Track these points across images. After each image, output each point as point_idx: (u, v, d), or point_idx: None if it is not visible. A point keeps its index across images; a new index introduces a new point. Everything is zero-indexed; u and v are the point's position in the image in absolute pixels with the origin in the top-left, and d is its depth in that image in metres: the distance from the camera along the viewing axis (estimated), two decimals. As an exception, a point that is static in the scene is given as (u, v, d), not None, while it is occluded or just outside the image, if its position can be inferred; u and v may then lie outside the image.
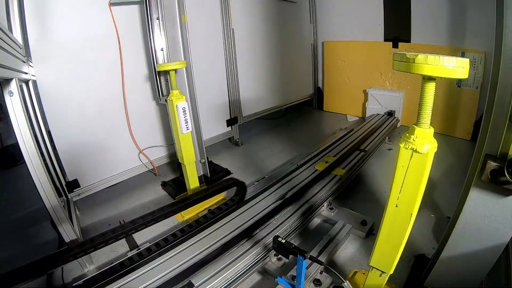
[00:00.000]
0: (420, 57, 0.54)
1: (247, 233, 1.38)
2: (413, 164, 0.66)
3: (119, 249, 1.50)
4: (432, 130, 0.64)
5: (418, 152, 0.64)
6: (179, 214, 1.71)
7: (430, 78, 0.59)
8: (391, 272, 0.85)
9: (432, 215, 1.55)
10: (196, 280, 1.13)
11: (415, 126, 0.64)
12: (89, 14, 1.75)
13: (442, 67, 0.52)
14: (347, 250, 1.37)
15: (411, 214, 0.71)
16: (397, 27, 2.74)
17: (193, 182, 1.78)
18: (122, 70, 1.94)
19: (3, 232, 1.76)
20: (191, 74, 1.81)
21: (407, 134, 0.66)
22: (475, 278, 0.95)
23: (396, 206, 0.72)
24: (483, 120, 0.87)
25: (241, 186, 1.61)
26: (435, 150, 0.64)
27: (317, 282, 1.14)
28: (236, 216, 1.50)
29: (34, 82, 1.62)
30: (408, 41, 2.67)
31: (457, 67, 0.52)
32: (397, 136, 2.65)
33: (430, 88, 0.60)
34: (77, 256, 1.16)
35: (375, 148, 2.30)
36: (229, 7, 2.40)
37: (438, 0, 2.40)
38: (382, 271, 0.87)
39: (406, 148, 0.65)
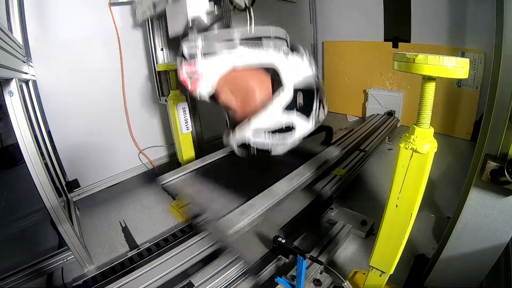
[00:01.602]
0: (420, 57, 0.54)
1: (247, 233, 1.38)
2: (413, 164, 0.65)
3: (119, 249, 1.50)
4: (432, 130, 0.64)
5: (418, 152, 0.63)
6: (179, 214, 1.71)
7: (430, 78, 0.59)
8: (391, 272, 0.85)
9: (432, 215, 1.55)
10: (196, 280, 1.13)
11: (415, 126, 0.64)
12: (89, 14, 1.76)
13: (442, 67, 0.52)
14: (347, 250, 1.37)
15: (411, 214, 0.71)
16: (397, 27, 2.74)
17: (193, 182, 1.78)
18: (122, 70, 1.94)
19: (2, 231, 1.76)
20: (191, 74, 1.81)
21: (407, 134, 0.66)
22: (475, 278, 0.95)
23: (396, 206, 0.72)
24: (483, 120, 0.86)
25: (328, 130, 1.60)
26: (435, 150, 0.64)
27: (317, 282, 1.14)
28: (236, 216, 1.50)
29: (34, 82, 1.62)
30: (408, 41, 2.67)
31: (457, 67, 0.52)
32: (397, 136, 2.65)
33: (430, 88, 0.60)
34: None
35: (375, 148, 2.30)
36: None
37: (438, 0, 2.40)
38: (382, 271, 0.87)
39: (406, 148, 0.65)
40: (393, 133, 2.70)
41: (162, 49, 1.83)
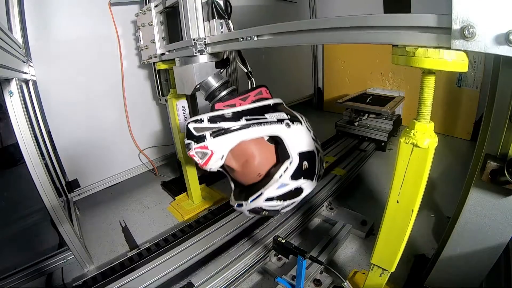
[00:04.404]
0: (421, 50, 0.54)
1: (247, 233, 1.38)
2: (414, 159, 0.65)
3: (119, 249, 1.50)
4: (432, 124, 0.63)
5: (419, 147, 0.63)
6: (179, 214, 1.71)
7: (430, 72, 0.59)
8: (393, 269, 0.84)
9: (432, 215, 1.54)
10: (196, 280, 1.13)
11: (415, 120, 0.64)
12: (89, 14, 1.76)
13: (442, 60, 0.52)
14: (347, 250, 1.37)
15: (413, 210, 0.70)
16: (397, 27, 2.74)
17: (193, 182, 1.78)
18: (122, 70, 1.94)
19: (3, 231, 1.76)
20: (191, 74, 1.81)
21: (407, 129, 0.65)
22: (475, 278, 0.95)
23: (397, 202, 0.72)
24: (483, 120, 0.86)
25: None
26: (436, 144, 0.63)
27: (317, 282, 1.14)
28: (236, 216, 1.50)
29: (34, 82, 1.62)
30: (408, 41, 2.67)
31: (457, 60, 0.52)
32: (397, 136, 2.65)
33: (430, 82, 0.60)
34: None
35: (375, 148, 2.30)
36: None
37: (438, 2, 2.40)
38: (383, 269, 0.86)
39: (407, 143, 0.64)
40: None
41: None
